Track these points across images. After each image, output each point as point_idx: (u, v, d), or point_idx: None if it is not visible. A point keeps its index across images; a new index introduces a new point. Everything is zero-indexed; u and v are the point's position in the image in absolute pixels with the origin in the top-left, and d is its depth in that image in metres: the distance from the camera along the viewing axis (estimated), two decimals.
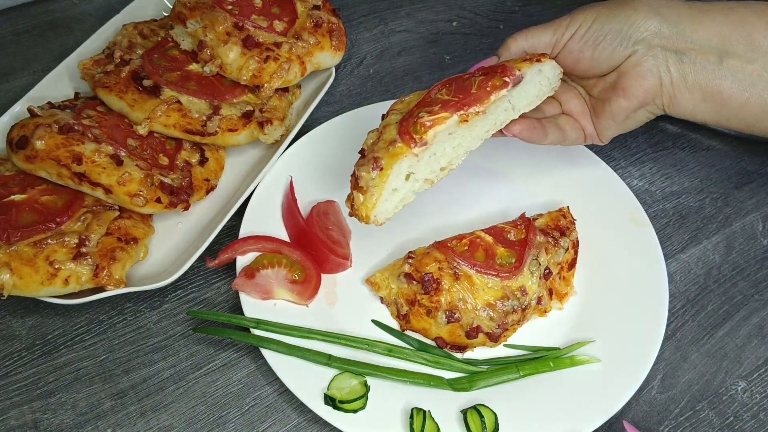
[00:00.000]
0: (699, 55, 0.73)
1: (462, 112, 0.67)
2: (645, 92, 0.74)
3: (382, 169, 0.66)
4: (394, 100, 0.98)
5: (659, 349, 0.74)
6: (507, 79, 0.69)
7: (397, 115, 0.72)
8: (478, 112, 0.68)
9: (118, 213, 0.81)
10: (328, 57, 0.95)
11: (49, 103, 0.88)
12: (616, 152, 0.97)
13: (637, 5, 0.73)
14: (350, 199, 0.69)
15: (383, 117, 0.74)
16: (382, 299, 0.80)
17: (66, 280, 0.75)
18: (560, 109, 0.81)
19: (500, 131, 0.74)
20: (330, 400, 0.70)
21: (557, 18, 0.76)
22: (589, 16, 0.74)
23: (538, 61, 0.72)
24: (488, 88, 0.69)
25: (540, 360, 0.75)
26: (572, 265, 0.81)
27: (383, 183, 0.66)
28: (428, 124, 0.66)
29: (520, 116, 0.74)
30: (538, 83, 0.73)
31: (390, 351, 0.75)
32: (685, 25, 0.73)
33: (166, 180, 0.83)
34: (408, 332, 0.78)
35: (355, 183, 0.68)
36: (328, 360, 0.74)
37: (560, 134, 0.78)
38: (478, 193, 0.90)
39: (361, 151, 0.71)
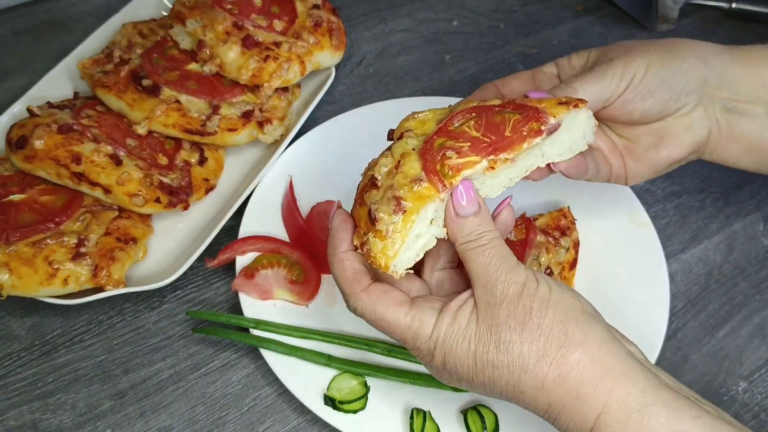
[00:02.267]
0: (746, 106, 0.70)
1: (492, 157, 0.58)
2: (694, 144, 0.71)
3: (405, 212, 0.56)
4: (392, 99, 0.99)
5: (660, 349, 0.74)
6: (543, 126, 0.60)
7: (413, 140, 0.61)
8: (507, 159, 0.59)
9: (117, 213, 0.81)
10: (327, 56, 0.95)
11: (48, 102, 0.88)
12: None
13: (685, 54, 0.69)
14: (362, 240, 0.58)
15: (393, 135, 0.64)
16: None
17: (65, 280, 0.75)
18: None
19: (548, 168, 0.66)
20: (330, 401, 0.70)
21: (607, 66, 0.68)
22: (642, 64, 0.67)
23: (576, 106, 0.62)
24: (524, 133, 0.59)
25: None
26: (573, 265, 0.81)
27: (407, 229, 0.56)
28: (458, 167, 0.57)
29: None
30: (572, 133, 0.64)
31: (390, 351, 0.75)
32: (730, 75, 0.70)
33: (165, 180, 0.83)
34: None
35: (369, 220, 0.57)
36: (327, 360, 0.73)
37: (595, 170, 0.72)
38: None
39: (372, 179, 0.59)
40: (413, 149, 0.60)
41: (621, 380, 0.51)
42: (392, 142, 0.63)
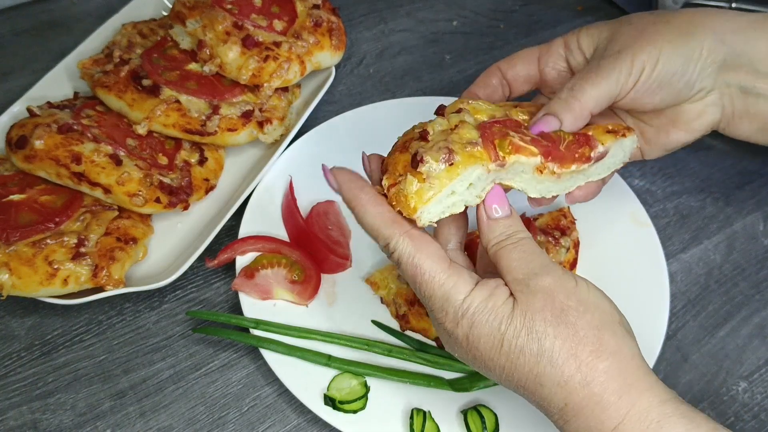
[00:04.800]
0: (764, 86, 0.68)
1: (544, 160, 0.60)
2: (707, 126, 0.71)
3: (452, 164, 0.56)
4: (392, 99, 0.98)
5: (660, 349, 0.74)
6: (592, 153, 0.64)
7: (470, 117, 0.61)
8: (555, 173, 0.61)
9: (117, 213, 0.81)
10: (327, 56, 0.95)
11: (48, 102, 0.88)
12: None
13: (702, 35, 0.66)
14: (395, 180, 0.57)
15: (442, 111, 0.63)
16: (382, 299, 0.80)
17: (65, 280, 0.75)
18: None
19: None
20: (330, 401, 0.70)
21: (620, 65, 0.65)
22: (653, 55, 0.65)
23: (623, 135, 0.66)
24: (576, 155, 0.63)
25: None
26: (573, 265, 0.81)
27: (449, 179, 0.56)
28: (517, 146, 0.59)
29: None
30: (614, 157, 0.67)
31: (390, 351, 0.75)
32: (749, 53, 0.68)
33: (165, 180, 0.83)
34: (408, 332, 0.77)
35: (410, 163, 0.57)
36: (327, 360, 0.73)
37: None
38: None
39: (423, 133, 0.59)
40: (473, 124, 0.60)
41: (644, 393, 0.52)
42: (437, 116, 0.63)
